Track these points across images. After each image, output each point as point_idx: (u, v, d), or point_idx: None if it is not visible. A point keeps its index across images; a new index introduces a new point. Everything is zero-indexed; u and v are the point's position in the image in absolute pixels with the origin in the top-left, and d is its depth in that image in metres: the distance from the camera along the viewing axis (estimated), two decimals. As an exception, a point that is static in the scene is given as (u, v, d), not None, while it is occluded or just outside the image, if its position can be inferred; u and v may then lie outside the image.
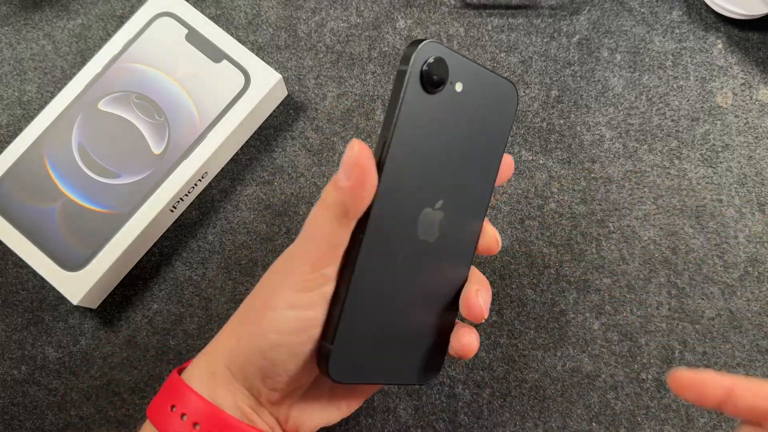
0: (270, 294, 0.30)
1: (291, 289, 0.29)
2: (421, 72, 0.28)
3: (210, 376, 0.31)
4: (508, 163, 0.33)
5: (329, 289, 0.29)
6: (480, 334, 0.42)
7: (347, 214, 0.28)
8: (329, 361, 0.30)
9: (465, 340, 0.33)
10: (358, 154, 0.27)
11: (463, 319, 0.35)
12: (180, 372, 0.33)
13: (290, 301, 0.29)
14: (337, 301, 0.30)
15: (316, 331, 0.30)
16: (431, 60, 0.28)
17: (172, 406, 0.30)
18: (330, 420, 0.34)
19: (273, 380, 0.30)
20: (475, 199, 0.32)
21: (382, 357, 0.32)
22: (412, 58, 0.28)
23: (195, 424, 0.29)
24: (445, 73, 0.29)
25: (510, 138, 0.34)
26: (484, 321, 0.36)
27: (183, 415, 0.30)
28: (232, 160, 0.48)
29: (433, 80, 0.28)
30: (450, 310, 0.33)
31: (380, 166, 0.29)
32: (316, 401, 0.33)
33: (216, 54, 0.46)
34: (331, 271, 0.29)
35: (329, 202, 0.28)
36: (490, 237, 0.34)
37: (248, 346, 0.30)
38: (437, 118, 0.29)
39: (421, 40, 0.28)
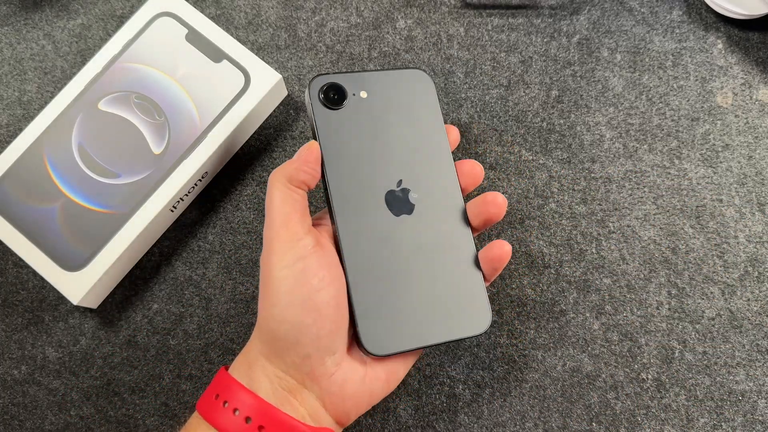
0: (266, 268, 0.33)
1: (276, 254, 0.32)
2: (318, 99, 0.36)
3: (247, 366, 0.33)
4: (453, 133, 0.39)
5: (309, 241, 0.33)
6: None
7: (291, 180, 0.34)
8: (360, 339, 0.33)
9: (496, 246, 0.36)
10: (309, 144, 0.35)
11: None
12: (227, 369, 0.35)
13: (279, 264, 0.32)
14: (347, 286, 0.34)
15: (315, 280, 0.32)
16: (322, 88, 0.36)
17: (225, 402, 0.32)
18: (372, 398, 0.34)
19: (300, 345, 0.31)
20: (436, 163, 0.38)
21: (417, 322, 0.35)
22: (307, 93, 0.36)
23: (247, 418, 0.31)
24: (340, 91, 0.37)
25: (443, 111, 0.41)
26: (505, 211, 0.38)
27: (236, 410, 0.31)
28: (232, 160, 0.48)
29: (331, 100, 0.36)
30: (467, 255, 0.37)
31: (323, 175, 0.36)
32: (355, 372, 0.33)
33: (216, 54, 0.46)
34: (300, 228, 0.33)
35: (270, 178, 0.34)
36: (467, 170, 0.38)
37: (266, 323, 0.33)
38: (355, 123, 0.36)
39: (312, 78, 0.37)
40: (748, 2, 0.46)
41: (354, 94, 0.37)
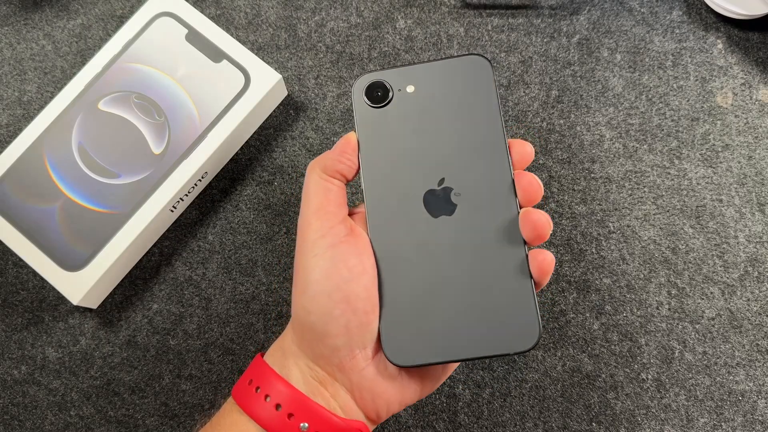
0: (298, 256, 0.33)
1: (307, 242, 0.32)
2: (362, 98, 0.35)
3: (281, 352, 0.33)
4: (525, 148, 0.34)
5: (341, 229, 0.32)
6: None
7: (325, 169, 0.34)
8: (383, 346, 0.32)
9: (539, 257, 0.32)
10: (348, 134, 0.35)
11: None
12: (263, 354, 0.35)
13: (310, 252, 0.32)
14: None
15: (344, 270, 0.31)
16: (365, 87, 0.35)
17: (257, 388, 0.32)
18: (404, 399, 0.33)
19: (329, 336, 0.31)
20: (486, 161, 0.34)
21: (448, 334, 0.32)
22: (353, 92, 0.35)
23: (278, 405, 0.31)
24: (383, 89, 0.35)
25: (501, 100, 0.37)
26: (550, 234, 0.35)
27: (267, 396, 0.31)
28: (232, 160, 0.48)
29: (374, 98, 0.35)
30: (516, 265, 0.32)
31: (360, 174, 0.34)
32: (387, 369, 0.32)
33: (216, 54, 0.46)
34: (333, 217, 0.33)
35: (308, 167, 0.34)
36: (526, 183, 0.33)
37: (296, 311, 0.32)
38: (398, 120, 0.35)
39: (358, 77, 0.36)
40: (748, 2, 0.46)
41: (399, 90, 0.35)
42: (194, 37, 0.46)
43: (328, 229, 0.32)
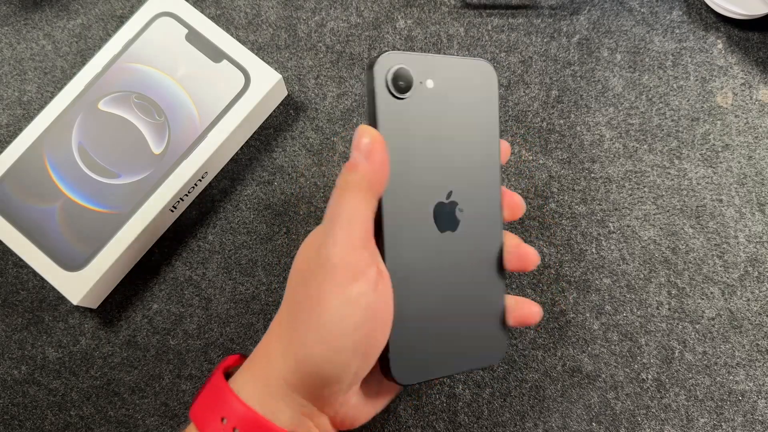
0: (317, 292, 0.28)
1: (338, 285, 0.28)
2: (386, 83, 0.30)
3: (264, 386, 0.30)
4: (504, 147, 0.35)
5: (372, 272, 0.28)
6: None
7: (371, 189, 0.29)
8: (392, 369, 0.31)
9: (526, 309, 0.34)
10: (374, 136, 0.29)
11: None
12: (225, 374, 0.31)
13: (340, 297, 0.28)
14: None
15: (373, 324, 0.29)
16: (392, 70, 0.30)
17: (223, 419, 0.29)
18: (376, 412, 0.34)
19: (337, 383, 0.29)
20: (484, 177, 0.33)
21: (442, 350, 0.33)
22: (370, 72, 0.30)
23: None
24: (409, 77, 0.31)
25: (500, 116, 0.39)
26: (537, 265, 0.37)
27: (234, 429, 0.28)
28: (232, 160, 0.48)
29: (398, 87, 0.31)
30: (497, 287, 0.34)
31: None
32: (367, 396, 0.33)
33: (216, 54, 0.46)
34: (368, 253, 0.29)
35: (351, 183, 0.29)
36: (511, 202, 0.35)
37: (314, 359, 0.29)
38: (416, 118, 0.31)
39: (379, 54, 0.30)
40: (748, 2, 0.46)
41: (420, 83, 0.31)
42: (194, 37, 0.46)
43: (363, 269, 0.28)
